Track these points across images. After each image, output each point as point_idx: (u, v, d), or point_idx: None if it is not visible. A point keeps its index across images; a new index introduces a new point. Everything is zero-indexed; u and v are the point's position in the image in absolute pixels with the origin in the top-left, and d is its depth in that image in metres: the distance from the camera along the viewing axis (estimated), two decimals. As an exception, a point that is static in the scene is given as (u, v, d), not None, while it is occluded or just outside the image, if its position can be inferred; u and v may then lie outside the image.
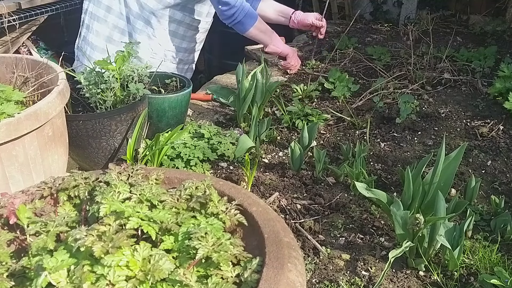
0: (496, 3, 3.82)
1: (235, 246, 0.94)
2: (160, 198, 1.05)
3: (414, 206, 1.60)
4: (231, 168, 2.16)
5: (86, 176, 1.15)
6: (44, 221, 1.01)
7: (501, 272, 1.49)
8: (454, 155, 1.57)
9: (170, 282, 0.87)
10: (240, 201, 1.08)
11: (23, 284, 0.91)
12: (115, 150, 2.02)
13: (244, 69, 2.52)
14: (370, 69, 3.19)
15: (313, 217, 1.84)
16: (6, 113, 1.46)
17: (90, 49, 2.69)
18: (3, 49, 2.28)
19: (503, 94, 2.65)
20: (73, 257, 0.88)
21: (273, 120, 2.55)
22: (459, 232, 1.53)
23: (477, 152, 2.26)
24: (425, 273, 1.59)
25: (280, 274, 0.88)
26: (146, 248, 0.90)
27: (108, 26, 2.65)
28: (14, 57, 1.88)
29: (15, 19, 2.13)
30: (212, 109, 2.79)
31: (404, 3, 4.10)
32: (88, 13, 2.70)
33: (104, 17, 2.65)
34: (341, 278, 1.56)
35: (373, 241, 1.73)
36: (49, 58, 1.88)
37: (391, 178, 2.09)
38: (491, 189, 2.02)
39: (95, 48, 2.67)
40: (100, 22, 2.65)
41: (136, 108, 2.00)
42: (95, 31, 2.66)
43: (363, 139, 2.36)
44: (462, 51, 3.27)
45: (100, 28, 2.65)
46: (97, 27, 2.66)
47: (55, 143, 1.65)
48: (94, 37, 2.67)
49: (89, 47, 2.70)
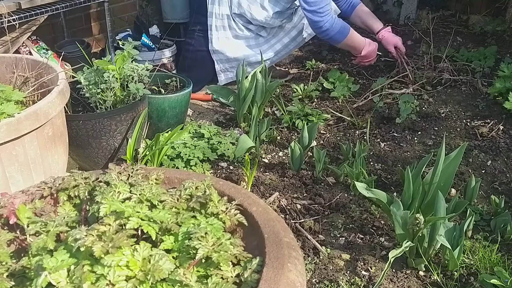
0: (496, 3, 3.81)
1: (235, 246, 0.94)
2: (160, 198, 1.05)
3: (414, 206, 1.60)
4: (231, 168, 2.16)
5: (86, 176, 1.14)
6: (44, 221, 1.00)
7: (501, 272, 1.49)
8: (454, 155, 1.57)
9: (170, 282, 0.87)
10: (240, 201, 1.08)
11: (23, 284, 0.91)
12: (115, 150, 2.02)
13: (244, 69, 2.52)
14: (370, 69, 3.18)
15: (313, 217, 1.84)
16: (6, 113, 1.46)
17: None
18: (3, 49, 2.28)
19: (503, 94, 2.65)
20: (73, 257, 0.88)
21: (273, 120, 2.55)
22: (459, 232, 1.53)
23: (477, 152, 2.26)
24: (425, 273, 1.59)
25: (280, 274, 0.88)
26: (146, 248, 0.90)
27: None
28: (14, 57, 1.88)
29: (15, 19, 2.13)
30: (212, 109, 2.79)
31: (404, 3, 4.10)
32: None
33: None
34: (341, 278, 1.56)
35: (373, 241, 1.73)
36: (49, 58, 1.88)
37: (391, 178, 2.09)
38: (491, 189, 2.02)
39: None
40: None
41: (136, 108, 2.00)
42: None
43: (363, 139, 2.36)
44: (462, 51, 3.27)
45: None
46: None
47: (55, 143, 1.65)
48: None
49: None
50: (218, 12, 2.87)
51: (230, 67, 2.96)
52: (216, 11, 2.87)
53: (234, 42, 2.95)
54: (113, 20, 2.93)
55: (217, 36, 2.91)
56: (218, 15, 2.87)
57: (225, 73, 3.02)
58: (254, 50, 2.93)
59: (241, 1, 2.82)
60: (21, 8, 2.21)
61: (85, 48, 2.61)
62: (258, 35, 3.00)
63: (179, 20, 3.24)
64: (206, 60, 2.98)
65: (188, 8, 3.21)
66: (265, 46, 2.99)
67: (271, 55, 2.99)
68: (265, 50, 2.97)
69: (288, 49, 3.06)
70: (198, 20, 2.94)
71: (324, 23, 2.71)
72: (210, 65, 2.99)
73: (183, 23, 3.27)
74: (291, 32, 2.98)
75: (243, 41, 2.96)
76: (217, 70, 3.01)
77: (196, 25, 2.95)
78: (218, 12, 2.87)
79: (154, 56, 2.88)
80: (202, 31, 2.93)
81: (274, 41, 3.01)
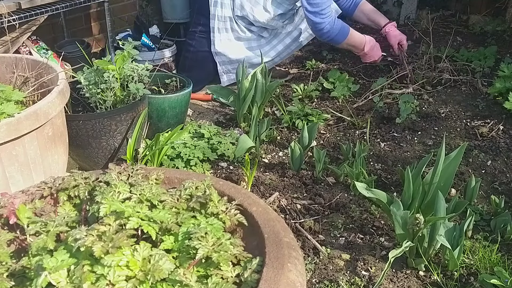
0: (496, 3, 3.81)
1: (235, 246, 0.94)
2: (160, 198, 1.05)
3: (414, 206, 1.60)
4: (231, 168, 2.16)
5: (86, 176, 1.14)
6: (44, 221, 1.00)
7: (501, 272, 1.49)
8: (454, 155, 1.57)
9: (170, 282, 0.87)
10: (240, 201, 1.08)
11: (23, 284, 0.91)
12: (115, 150, 2.02)
13: (245, 69, 2.52)
14: (370, 69, 3.18)
15: (313, 217, 1.84)
16: (6, 113, 1.46)
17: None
18: (3, 49, 2.28)
19: (503, 94, 2.65)
20: (73, 257, 0.88)
21: (273, 120, 2.55)
22: (459, 232, 1.53)
23: (477, 152, 2.26)
24: (425, 273, 1.59)
25: (280, 274, 0.88)
26: (146, 248, 0.90)
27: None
28: (14, 57, 1.88)
29: (15, 19, 2.13)
30: (212, 109, 2.79)
31: (404, 3, 4.10)
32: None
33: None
34: (341, 278, 1.56)
35: (373, 241, 1.73)
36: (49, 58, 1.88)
37: (391, 178, 2.09)
38: (491, 189, 2.02)
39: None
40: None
41: (136, 108, 2.00)
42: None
43: (363, 139, 2.36)
44: (462, 51, 3.27)
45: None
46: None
47: (55, 143, 1.65)
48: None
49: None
50: (220, 14, 2.87)
51: (233, 68, 2.96)
52: (219, 13, 2.87)
53: (236, 44, 2.95)
54: (113, 20, 2.93)
55: (219, 38, 2.91)
56: (221, 17, 2.88)
57: (227, 74, 3.02)
58: (256, 51, 2.93)
59: (244, 4, 2.83)
60: (21, 8, 2.21)
61: (85, 48, 2.61)
62: (260, 36, 3.00)
63: (179, 20, 3.25)
64: (207, 61, 2.98)
65: (188, 8, 3.21)
66: (267, 47, 2.99)
67: (273, 56, 2.99)
68: (267, 51, 2.97)
69: (290, 49, 3.06)
70: (198, 20, 2.94)
71: (326, 25, 2.72)
72: (210, 65, 2.99)
73: (183, 23, 3.27)
74: (293, 32, 2.99)
75: (245, 43, 2.96)
76: (219, 72, 3.01)
77: (197, 26, 2.95)
78: (221, 14, 2.87)
79: (154, 56, 2.88)
80: (203, 32, 2.93)
81: (276, 42, 3.01)
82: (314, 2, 2.66)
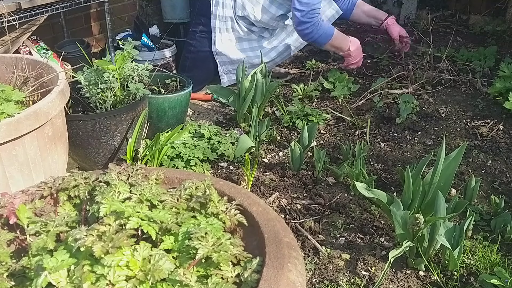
0: (496, 3, 3.81)
1: (235, 246, 0.94)
2: (160, 198, 1.05)
3: (414, 206, 1.60)
4: (231, 168, 2.16)
5: (86, 176, 1.14)
6: (44, 221, 1.00)
7: (501, 272, 1.49)
8: (454, 155, 1.57)
9: (170, 282, 0.87)
10: (240, 201, 1.08)
11: (23, 284, 0.91)
12: (115, 150, 2.02)
13: (245, 69, 2.52)
14: (370, 69, 3.19)
15: (313, 217, 1.84)
16: (6, 113, 1.46)
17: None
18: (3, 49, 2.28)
19: (503, 94, 2.65)
20: (73, 257, 0.88)
21: (273, 120, 2.55)
22: (459, 232, 1.53)
23: (477, 152, 2.26)
24: (425, 273, 1.59)
25: (280, 274, 0.88)
26: (146, 248, 0.90)
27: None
28: (14, 57, 1.88)
29: (15, 19, 2.13)
30: (212, 109, 2.79)
31: (404, 3, 4.10)
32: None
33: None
34: (341, 278, 1.56)
35: (373, 241, 1.73)
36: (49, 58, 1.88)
37: (391, 178, 2.09)
38: (491, 189, 2.02)
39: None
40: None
41: (136, 108, 2.00)
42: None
43: (363, 139, 2.36)
44: (462, 51, 3.27)
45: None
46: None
47: (55, 143, 1.65)
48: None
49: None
50: (222, 15, 2.87)
51: (233, 69, 2.96)
52: (220, 13, 2.87)
53: (237, 44, 2.95)
54: (113, 20, 2.93)
55: (220, 38, 2.91)
56: (222, 17, 2.87)
57: (228, 75, 3.02)
58: (256, 51, 2.93)
59: (245, 4, 2.83)
60: (21, 8, 2.21)
61: (85, 48, 2.61)
62: (261, 37, 3.00)
63: (179, 20, 3.25)
64: (207, 61, 2.98)
65: (188, 8, 3.21)
66: (267, 48, 2.99)
67: (273, 56, 2.99)
68: (268, 51, 2.97)
69: (291, 50, 3.06)
70: (199, 21, 2.94)
71: (310, 25, 2.71)
72: (211, 65, 2.99)
73: (183, 23, 3.27)
74: (294, 33, 2.99)
75: (246, 43, 2.96)
76: (220, 72, 3.01)
77: (198, 26, 2.95)
78: (222, 14, 2.87)
79: (154, 56, 2.88)
80: (204, 32, 2.93)
81: (276, 43, 3.02)
82: (304, 1, 2.65)
